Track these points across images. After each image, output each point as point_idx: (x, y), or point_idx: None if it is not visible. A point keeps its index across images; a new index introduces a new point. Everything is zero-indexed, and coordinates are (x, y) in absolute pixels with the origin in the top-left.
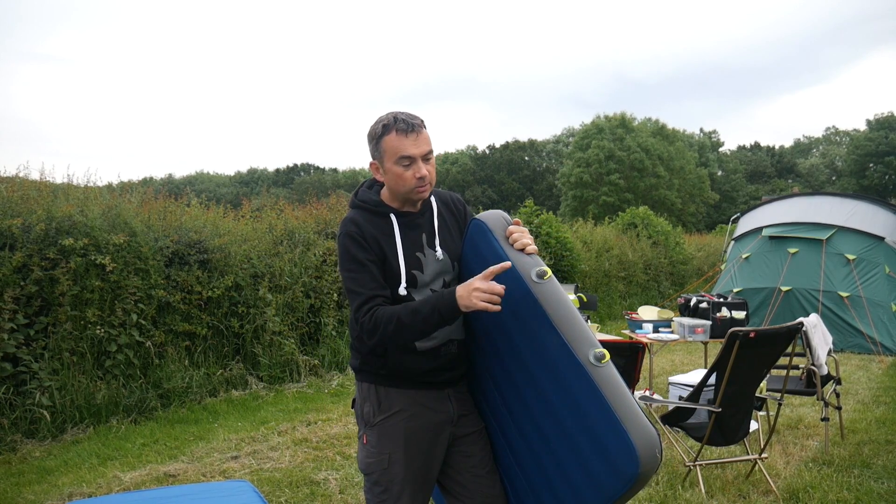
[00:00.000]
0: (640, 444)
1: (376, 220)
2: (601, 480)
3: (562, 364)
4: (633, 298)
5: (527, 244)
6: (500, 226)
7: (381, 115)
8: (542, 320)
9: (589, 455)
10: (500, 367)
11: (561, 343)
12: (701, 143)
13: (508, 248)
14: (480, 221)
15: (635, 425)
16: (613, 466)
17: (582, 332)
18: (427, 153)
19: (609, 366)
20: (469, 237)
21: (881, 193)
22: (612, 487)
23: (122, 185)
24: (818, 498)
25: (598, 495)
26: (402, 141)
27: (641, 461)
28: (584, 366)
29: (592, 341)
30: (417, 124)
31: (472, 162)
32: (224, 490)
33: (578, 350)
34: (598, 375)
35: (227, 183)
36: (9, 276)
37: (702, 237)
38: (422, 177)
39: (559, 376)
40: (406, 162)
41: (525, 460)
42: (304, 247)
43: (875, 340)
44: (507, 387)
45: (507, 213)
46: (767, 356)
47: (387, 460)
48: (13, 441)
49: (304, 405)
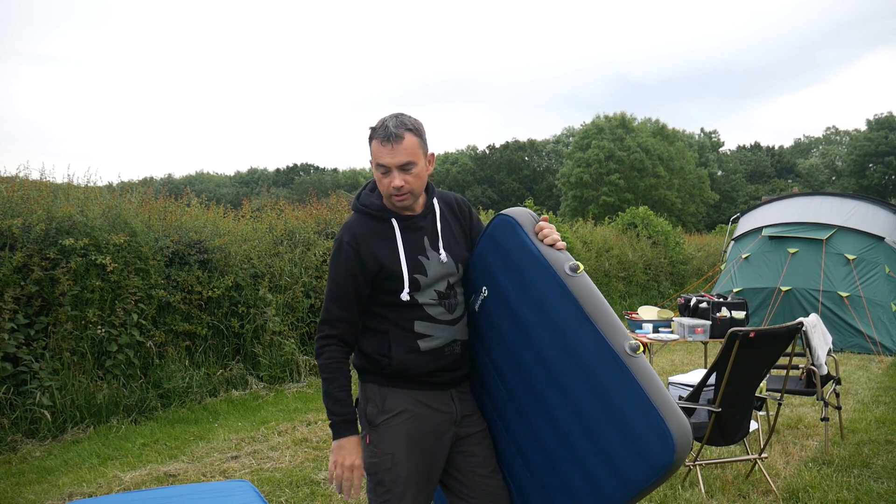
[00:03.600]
0: (676, 432)
1: (377, 225)
2: (627, 472)
3: (595, 356)
4: (633, 298)
5: (556, 240)
6: (529, 222)
7: (384, 115)
8: (575, 313)
9: (615, 447)
10: (513, 365)
11: (596, 335)
12: (701, 144)
13: (539, 244)
14: (509, 217)
15: (672, 414)
16: (645, 456)
17: (615, 324)
18: (405, 164)
19: (643, 357)
20: (491, 232)
21: (881, 193)
22: (638, 478)
23: (122, 185)
24: (818, 498)
25: (622, 487)
26: (380, 149)
27: (677, 449)
28: (621, 356)
29: (626, 333)
30: (397, 134)
31: (472, 162)
32: (224, 490)
33: (614, 341)
34: (633, 365)
35: (227, 183)
36: (9, 276)
37: (702, 237)
38: (397, 187)
39: (589, 369)
40: (382, 170)
41: (534, 458)
42: (304, 247)
43: (875, 340)
44: (517, 383)
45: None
46: (767, 356)
47: (389, 460)
48: (13, 441)
49: (304, 405)
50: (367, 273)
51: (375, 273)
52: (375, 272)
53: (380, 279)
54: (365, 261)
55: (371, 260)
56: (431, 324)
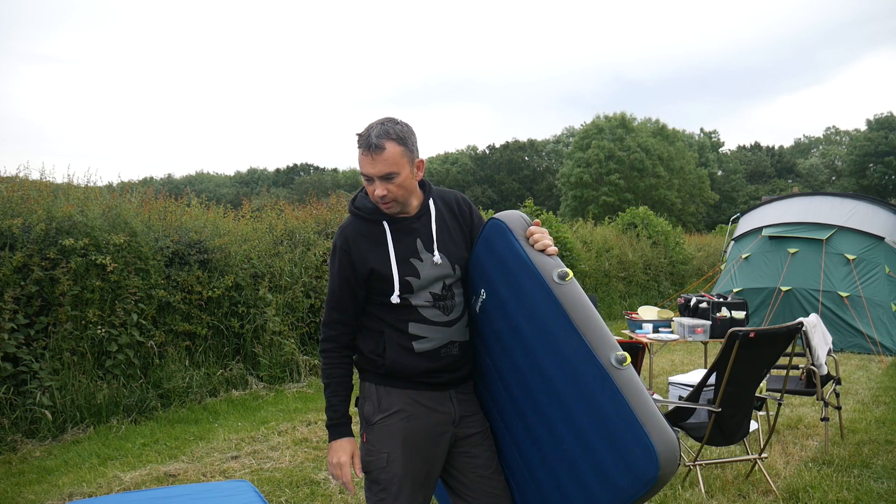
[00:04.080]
0: (660, 447)
1: (369, 228)
2: (617, 483)
3: (581, 366)
4: (633, 298)
5: (547, 245)
6: (519, 226)
7: (373, 119)
8: (562, 322)
9: (605, 458)
10: (511, 367)
11: (582, 345)
12: (701, 144)
13: (529, 249)
14: (500, 221)
15: (656, 428)
16: (631, 469)
17: (603, 334)
18: (386, 174)
19: (629, 368)
20: (485, 236)
21: (881, 193)
22: (628, 490)
23: (122, 185)
24: (818, 498)
25: (612, 496)
26: (362, 158)
27: (661, 464)
28: (606, 368)
29: (613, 344)
30: (377, 144)
31: (472, 162)
32: (224, 490)
33: (600, 352)
34: (619, 378)
35: (227, 183)
36: (9, 276)
37: (702, 237)
38: (380, 196)
39: (577, 378)
40: (366, 178)
41: (534, 461)
42: (304, 247)
43: (875, 340)
44: (517, 387)
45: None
46: (767, 356)
47: (385, 459)
48: (13, 441)
49: (304, 405)
50: (358, 276)
51: (367, 276)
52: (367, 275)
53: (371, 281)
54: (356, 264)
55: (361, 263)
56: (426, 325)
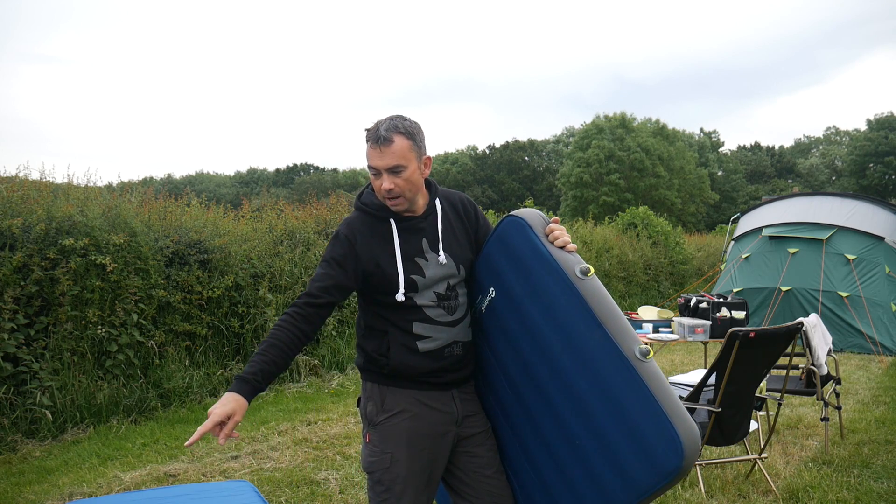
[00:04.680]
0: (685, 437)
1: (376, 224)
2: (635, 476)
3: (603, 360)
4: (633, 298)
5: (567, 241)
6: (539, 223)
7: (381, 116)
8: (585, 316)
9: (623, 450)
10: (520, 366)
11: (606, 339)
12: (701, 144)
13: (549, 245)
14: (518, 218)
15: (680, 419)
16: (653, 461)
17: (626, 328)
18: (393, 167)
19: (653, 361)
20: (499, 233)
21: (881, 193)
22: (646, 483)
23: (122, 185)
24: (818, 498)
25: (628, 491)
26: (370, 151)
27: (686, 454)
28: (630, 361)
29: (636, 337)
30: (386, 137)
31: (472, 162)
32: (224, 490)
33: (624, 345)
34: (643, 370)
35: (227, 183)
36: (9, 276)
37: (702, 237)
38: (387, 189)
39: (597, 373)
40: (373, 171)
41: (540, 459)
42: (304, 247)
43: (875, 340)
44: (524, 384)
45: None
46: (767, 356)
47: (389, 459)
48: (13, 441)
49: (304, 405)
50: (358, 269)
51: (371, 272)
52: (371, 271)
53: (375, 279)
54: (361, 257)
55: (368, 258)
56: (430, 325)
